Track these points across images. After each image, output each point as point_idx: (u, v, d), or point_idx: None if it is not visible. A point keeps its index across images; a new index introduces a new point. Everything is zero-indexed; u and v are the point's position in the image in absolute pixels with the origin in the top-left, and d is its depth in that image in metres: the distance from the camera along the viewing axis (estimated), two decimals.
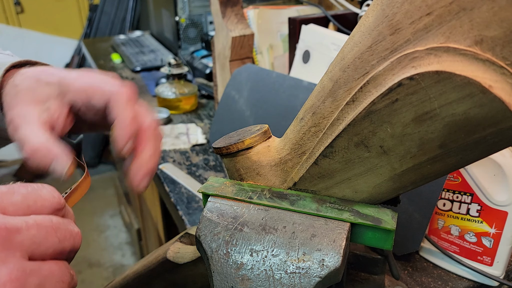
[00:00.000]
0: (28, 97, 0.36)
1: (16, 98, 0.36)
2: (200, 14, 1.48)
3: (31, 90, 0.36)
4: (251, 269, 0.30)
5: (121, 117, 0.36)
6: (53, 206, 0.27)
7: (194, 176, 0.85)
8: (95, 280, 1.95)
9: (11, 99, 0.37)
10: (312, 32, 0.91)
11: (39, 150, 0.34)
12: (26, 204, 0.25)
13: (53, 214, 0.27)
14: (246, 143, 0.36)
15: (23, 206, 0.25)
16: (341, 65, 0.30)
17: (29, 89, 0.37)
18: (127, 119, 0.36)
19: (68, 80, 0.37)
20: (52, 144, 0.35)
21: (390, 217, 0.30)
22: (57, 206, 0.27)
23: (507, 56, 0.23)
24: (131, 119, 0.36)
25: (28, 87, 0.37)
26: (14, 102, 0.36)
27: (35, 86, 0.37)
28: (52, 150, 0.34)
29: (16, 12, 2.75)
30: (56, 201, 0.27)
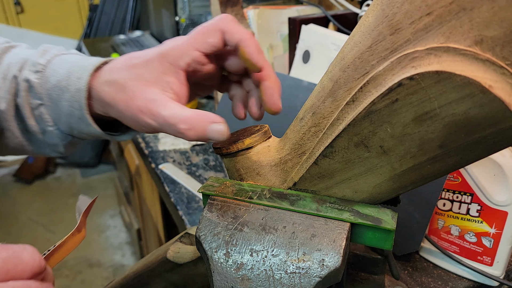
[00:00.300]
0: (140, 83, 0.36)
1: (127, 91, 0.36)
2: (200, 14, 1.48)
3: (137, 76, 0.36)
4: (251, 269, 0.30)
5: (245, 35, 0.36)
6: (33, 270, 0.26)
7: (194, 176, 0.85)
8: (95, 280, 1.95)
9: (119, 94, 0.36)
10: (312, 32, 0.91)
11: (192, 121, 0.34)
12: (5, 269, 0.25)
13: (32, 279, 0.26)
14: (246, 143, 0.36)
15: (3, 271, 0.25)
16: (341, 65, 0.30)
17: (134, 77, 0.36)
18: (249, 35, 0.36)
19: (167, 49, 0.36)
20: (199, 112, 0.35)
21: (390, 217, 0.30)
22: (37, 269, 0.26)
23: (507, 56, 0.23)
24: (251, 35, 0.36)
25: (131, 76, 0.36)
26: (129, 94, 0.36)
27: (138, 71, 0.36)
28: (203, 116, 0.34)
29: (16, 12, 2.75)
30: (36, 264, 0.26)
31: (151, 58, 0.37)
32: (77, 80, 0.38)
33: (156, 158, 0.92)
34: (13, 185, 2.70)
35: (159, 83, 0.36)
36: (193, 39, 0.36)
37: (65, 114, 0.40)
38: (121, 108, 0.36)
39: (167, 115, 0.34)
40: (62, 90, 0.39)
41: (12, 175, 2.75)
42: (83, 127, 0.40)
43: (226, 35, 0.36)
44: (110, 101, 0.37)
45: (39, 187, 2.68)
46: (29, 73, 0.41)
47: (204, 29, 0.37)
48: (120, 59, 0.38)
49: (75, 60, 0.40)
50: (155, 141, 1.00)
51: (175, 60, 0.36)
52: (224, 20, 0.37)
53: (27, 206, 2.50)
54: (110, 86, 0.37)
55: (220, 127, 0.34)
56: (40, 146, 0.45)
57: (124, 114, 0.37)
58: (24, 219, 2.39)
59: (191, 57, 0.36)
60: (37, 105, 0.41)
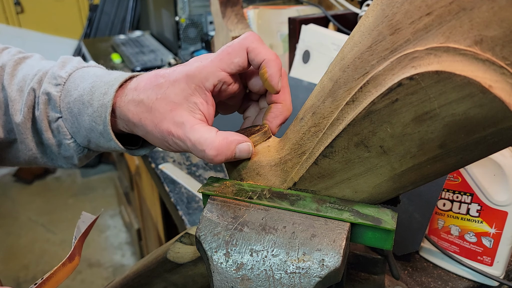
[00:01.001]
0: (167, 104, 0.36)
1: (155, 113, 0.36)
2: (200, 14, 1.48)
3: (164, 96, 0.36)
4: (251, 269, 0.30)
5: (269, 55, 0.36)
6: None
7: (194, 176, 0.85)
8: (95, 280, 1.95)
9: (146, 115, 0.36)
10: (312, 32, 0.91)
11: (220, 147, 0.34)
12: None
13: None
14: None
15: None
16: (341, 65, 0.30)
17: (160, 97, 0.36)
18: (274, 56, 0.36)
19: (194, 70, 0.36)
20: (225, 135, 0.35)
21: (390, 217, 0.31)
22: None
23: (507, 56, 0.23)
24: (276, 56, 0.37)
25: (158, 97, 0.36)
26: (157, 116, 0.36)
27: (164, 92, 0.36)
28: (230, 139, 0.35)
29: (16, 12, 2.75)
30: None
31: (177, 79, 0.36)
32: (102, 96, 0.38)
33: (156, 158, 0.92)
34: (13, 185, 2.70)
35: (186, 105, 0.36)
36: (219, 59, 0.36)
37: (85, 128, 0.40)
38: (150, 129, 0.37)
39: (196, 140, 0.35)
40: (84, 104, 0.39)
41: (12, 175, 2.75)
42: (103, 141, 0.40)
43: (251, 54, 0.36)
44: (137, 122, 0.37)
45: (39, 187, 2.68)
46: (49, 86, 0.41)
47: (230, 49, 0.36)
48: (145, 77, 0.38)
49: (98, 74, 0.40)
50: None
51: (202, 81, 0.36)
52: (250, 39, 0.37)
53: (27, 206, 2.50)
54: (136, 106, 0.37)
55: (246, 147, 0.35)
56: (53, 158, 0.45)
57: (152, 134, 0.37)
58: (24, 219, 2.39)
59: (218, 78, 0.36)
60: (56, 118, 0.41)
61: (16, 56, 0.45)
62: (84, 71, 0.42)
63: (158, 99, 0.36)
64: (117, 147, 0.40)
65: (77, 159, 0.43)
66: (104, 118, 0.38)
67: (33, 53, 0.47)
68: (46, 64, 0.44)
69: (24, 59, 0.45)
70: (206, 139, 0.34)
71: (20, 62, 0.45)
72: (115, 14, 2.60)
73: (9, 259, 2.10)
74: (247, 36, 0.37)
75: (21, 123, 0.42)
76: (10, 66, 0.44)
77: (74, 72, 0.42)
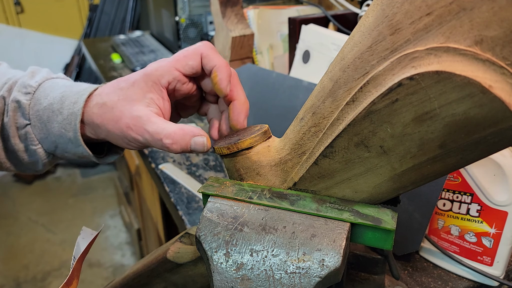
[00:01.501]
0: (127, 103, 0.39)
1: (115, 111, 0.39)
2: (200, 14, 1.48)
3: (124, 97, 0.39)
4: (251, 269, 0.30)
5: (220, 62, 0.40)
6: None
7: (194, 176, 0.85)
8: (95, 280, 1.95)
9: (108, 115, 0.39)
10: (312, 32, 0.91)
11: (176, 136, 0.37)
12: None
13: None
14: (246, 143, 0.36)
15: None
16: (341, 65, 0.30)
17: (121, 98, 0.39)
18: (224, 63, 0.40)
19: (150, 69, 0.40)
20: (182, 126, 0.38)
21: (390, 217, 0.31)
22: None
23: (507, 56, 0.23)
24: (226, 63, 0.40)
25: (119, 98, 0.39)
26: (117, 114, 0.39)
27: (125, 93, 0.40)
28: (185, 130, 0.38)
29: (16, 12, 2.75)
30: None
31: (136, 80, 0.40)
32: (72, 105, 0.41)
33: (156, 158, 0.93)
34: (13, 185, 2.70)
35: (144, 100, 0.39)
36: (175, 61, 0.40)
37: (54, 134, 0.42)
38: (110, 128, 0.39)
39: (152, 130, 0.38)
40: (54, 112, 0.41)
41: (12, 175, 2.75)
42: (71, 147, 0.42)
43: (204, 60, 0.40)
44: (100, 122, 0.40)
45: (39, 187, 2.68)
46: (19, 94, 0.43)
47: (186, 52, 0.40)
48: (109, 84, 0.42)
49: (67, 85, 0.43)
50: None
51: (158, 79, 0.40)
52: (205, 47, 0.41)
53: (27, 206, 2.50)
54: (99, 108, 0.40)
55: (201, 140, 0.38)
56: (17, 164, 0.47)
57: (112, 133, 0.40)
58: (24, 219, 2.39)
59: (172, 76, 0.40)
60: (24, 125, 0.43)
61: None
62: (54, 82, 0.44)
63: (119, 99, 0.39)
64: (85, 152, 0.42)
65: (41, 164, 0.45)
66: (74, 126, 0.40)
67: (1, 62, 0.49)
68: (15, 73, 0.46)
69: None
70: (163, 129, 0.37)
71: None
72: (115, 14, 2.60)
73: (9, 259, 2.10)
74: (203, 44, 0.41)
75: None
76: None
77: (44, 82, 0.44)
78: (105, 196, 2.57)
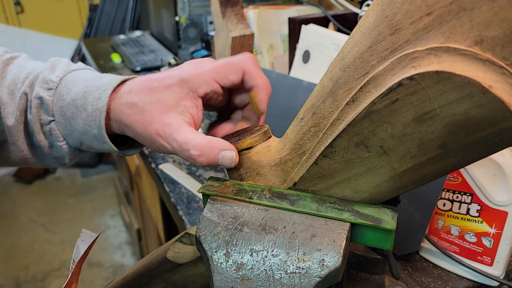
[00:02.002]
0: (159, 107, 0.37)
1: (146, 115, 0.37)
2: (200, 14, 1.48)
3: (156, 100, 0.37)
4: (251, 269, 0.30)
5: (261, 81, 0.39)
6: None
7: (194, 176, 0.85)
8: (95, 280, 1.95)
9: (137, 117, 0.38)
10: (312, 32, 0.91)
11: (204, 148, 0.35)
12: None
13: None
14: (246, 143, 0.36)
15: None
16: (341, 65, 0.30)
17: (153, 101, 0.37)
18: (265, 82, 0.39)
19: (188, 76, 0.38)
20: (211, 139, 0.36)
21: (390, 217, 0.31)
22: None
23: (507, 56, 0.23)
24: (267, 82, 0.39)
25: (151, 100, 0.38)
26: (147, 118, 0.37)
27: (158, 96, 0.38)
28: (215, 143, 0.36)
29: (16, 12, 2.75)
30: None
31: (171, 84, 0.38)
32: (96, 101, 0.39)
33: (156, 158, 0.92)
34: (13, 185, 2.70)
35: (177, 107, 0.37)
36: (216, 71, 0.38)
37: (78, 131, 0.41)
38: (139, 131, 0.38)
39: (181, 140, 0.36)
40: (77, 108, 0.40)
41: (12, 175, 2.75)
42: (96, 143, 0.41)
43: (246, 76, 0.39)
44: (129, 123, 0.38)
45: (39, 187, 2.68)
46: (41, 90, 0.41)
47: (228, 64, 0.38)
48: (139, 81, 0.39)
49: (89, 78, 0.41)
50: None
51: (195, 88, 0.38)
52: (247, 62, 0.39)
53: (27, 206, 2.51)
54: (129, 108, 0.38)
55: (230, 154, 0.36)
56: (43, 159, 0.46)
57: (142, 137, 0.38)
58: (24, 219, 2.39)
59: (211, 88, 0.38)
60: (48, 121, 0.42)
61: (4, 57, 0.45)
62: (75, 75, 0.43)
63: (151, 102, 0.37)
64: (111, 149, 0.41)
65: (68, 159, 0.44)
66: (99, 123, 0.39)
67: (20, 53, 0.48)
68: (35, 66, 0.45)
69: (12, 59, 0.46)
70: (191, 139, 0.36)
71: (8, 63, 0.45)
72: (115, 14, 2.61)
73: (9, 259, 2.10)
74: (246, 57, 0.39)
75: (13, 126, 0.43)
76: None
77: (65, 76, 0.42)
78: (105, 196, 2.57)
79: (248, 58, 0.39)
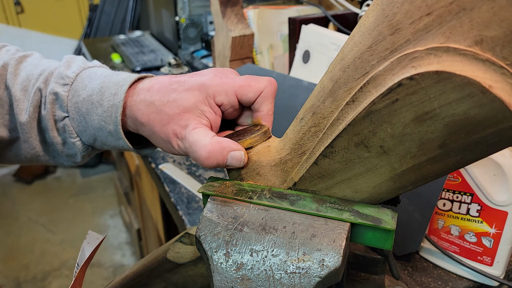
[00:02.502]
0: (177, 109, 0.37)
1: (163, 115, 0.37)
2: (200, 14, 1.48)
3: (175, 101, 0.37)
4: (251, 269, 0.30)
5: (267, 109, 0.39)
6: None
7: (194, 176, 0.85)
8: (95, 280, 1.95)
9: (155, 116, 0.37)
10: (312, 32, 0.91)
11: (213, 148, 0.35)
12: None
13: None
14: (246, 143, 0.36)
15: None
16: (341, 65, 0.30)
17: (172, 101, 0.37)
18: (271, 111, 0.39)
19: (211, 83, 0.38)
20: (219, 139, 0.36)
21: (390, 217, 0.31)
22: None
23: (507, 56, 0.23)
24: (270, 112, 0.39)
25: (169, 100, 0.37)
26: (165, 118, 0.37)
27: (177, 97, 0.37)
28: (223, 144, 0.35)
29: (16, 12, 2.75)
30: None
31: (192, 87, 0.38)
32: (112, 96, 0.39)
33: (156, 158, 0.92)
34: (13, 185, 2.70)
35: (195, 110, 0.37)
36: (239, 86, 0.38)
37: (93, 127, 0.40)
38: (156, 130, 0.38)
39: (192, 141, 0.36)
40: (93, 104, 0.40)
41: (12, 175, 2.75)
42: (111, 140, 0.41)
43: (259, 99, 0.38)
44: (145, 122, 0.38)
45: (39, 187, 2.68)
46: (56, 86, 0.41)
47: (252, 82, 0.38)
48: (159, 80, 0.39)
49: (105, 74, 0.41)
50: None
51: (214, 95, 0.38)
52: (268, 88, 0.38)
53: (27, 206, 2.51)
54: (147, 106, 0.38)
55: (239, 155, 0.35)
56: (55, 156, 0.45)
57: (158, 136, 0.38)
58: (24, 219, 2.39)
59: (229, 100, 0.38)
60: (62, 117, 0.42)
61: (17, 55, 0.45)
62: (91, 71, 0.42)
63: (169, 101, 0.37)
64: (125, 146, 0.41)
65: (80, 156, 0.44)
66: (115, 118, 0.39)
67: (33, 52, 0.47)
68: (49, 64, 0.44)
69: (25, 57, 0.46)
70: (201, 141, 0.35)
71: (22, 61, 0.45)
72: (115, 14, 2.60)
73: (9, 259, 2.10)
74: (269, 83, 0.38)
75: (26, 122, 0.42)
76: (12, 65, 0.44)
77: (82, 72, 0.42)
78: (105, 196, 2.57)
79: (270, 84, 0.39)
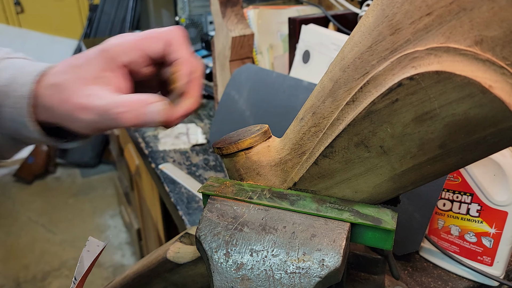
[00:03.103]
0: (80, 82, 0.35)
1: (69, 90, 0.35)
2: (200, 14, 1.49)
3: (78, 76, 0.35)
4: (251, 269, 0.30)
5: (184, 54, 0.36)
6: None
7: (194, 176, 0.85)
8: (95, 280, 1.95)
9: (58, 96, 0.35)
10: (312, 32, 0.91)
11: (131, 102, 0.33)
12: None
13: None
14: (246, 143, 0.36)
15: None
16: (341, 65, 0.30)
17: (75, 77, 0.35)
18: (189, 56, 0.37)
19: (109, 45, 0.36)
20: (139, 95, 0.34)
21: (390, 217, 0.31)
22: None
23: (507, 56, 0.23)
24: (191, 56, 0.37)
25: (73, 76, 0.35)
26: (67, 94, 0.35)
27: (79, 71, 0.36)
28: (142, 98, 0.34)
29: (16, 12, 2.75)
30: None
31: (92, 56, 0.36)
32: (20, 87, 0.37)
33: (156, 158, 0.93)
34: (13, 185, 2.70)
35: (99, 79, 0.35)
36: (140, 40, 0.36)
37: (7, 119, 0.39)
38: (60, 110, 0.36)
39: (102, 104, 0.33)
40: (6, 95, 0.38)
41: (12, 175, 2.75)
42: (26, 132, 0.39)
43: (170, 47, 0.37)
44: (49, 104, 0.36)
45: (39, 187, 2.68)
46: None
47: (154, 34, 0.37)
48: (64, 62, 0.38)
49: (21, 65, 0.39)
50: (155, 141, 1.00)
51: (116, 57, 0.36)
52: (175, 33, 0.37)
53: (27, 206, 2.51)
54: (52, 89, 0.36)
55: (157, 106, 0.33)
56: None
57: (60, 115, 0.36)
58: (24, 219, 2.39)
59: (133, 56, 0.36)
60: None
61: None
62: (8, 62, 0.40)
63: (72, 78, 0.35)
64: (41, 138, 0.39)
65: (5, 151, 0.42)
66: (23, 109, 0.37)
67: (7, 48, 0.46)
68: None
69: None
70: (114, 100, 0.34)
71: None
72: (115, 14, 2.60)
73: (9, 259, 2.10)
74: (174, 29, 0.37)
75: None
76: None
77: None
78: (105, 196, 2.57)
79: (176, 30, 0.37)
